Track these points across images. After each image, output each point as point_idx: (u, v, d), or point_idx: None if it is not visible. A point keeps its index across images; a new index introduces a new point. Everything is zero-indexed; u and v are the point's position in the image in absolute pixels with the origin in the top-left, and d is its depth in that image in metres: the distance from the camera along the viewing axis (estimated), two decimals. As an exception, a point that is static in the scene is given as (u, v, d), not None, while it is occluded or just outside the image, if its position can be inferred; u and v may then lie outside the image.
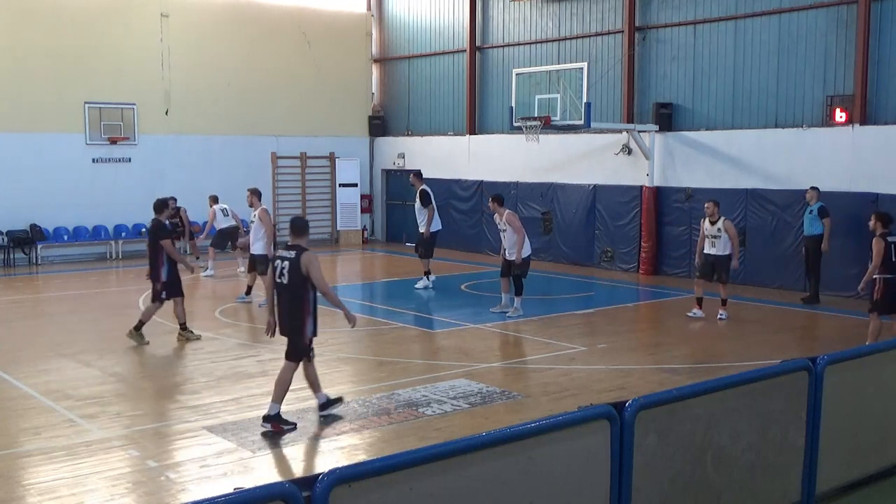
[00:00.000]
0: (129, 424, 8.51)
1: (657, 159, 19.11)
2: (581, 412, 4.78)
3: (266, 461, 7.55)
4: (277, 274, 8.34)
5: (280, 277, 8.31)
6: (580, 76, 18.09)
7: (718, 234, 13.78)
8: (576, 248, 20.61)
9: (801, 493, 6.04)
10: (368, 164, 26.23)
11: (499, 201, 14.25)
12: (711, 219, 13.86)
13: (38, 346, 12.00)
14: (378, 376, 10.33)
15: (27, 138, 20.58)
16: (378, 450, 7.74)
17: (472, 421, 8.53)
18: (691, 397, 5.31)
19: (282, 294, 8.38)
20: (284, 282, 8.28)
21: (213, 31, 23.10)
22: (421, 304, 15.74)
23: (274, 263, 8.42)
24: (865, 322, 11.83)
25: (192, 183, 21.90)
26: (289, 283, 8.25)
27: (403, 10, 25.41)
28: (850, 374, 6.40)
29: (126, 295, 16.45)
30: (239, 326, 12.09)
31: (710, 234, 13.87)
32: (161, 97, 22.33)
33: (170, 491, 6.85)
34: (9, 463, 7.48)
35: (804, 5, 16.74)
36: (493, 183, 22.20)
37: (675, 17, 18.84)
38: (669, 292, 16.82)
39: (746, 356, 11.31)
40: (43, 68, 20.68)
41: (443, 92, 24.39)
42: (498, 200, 14.26)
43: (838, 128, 16.16)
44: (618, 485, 4.78)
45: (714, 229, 13.83)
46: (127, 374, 10.50)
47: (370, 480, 3.81)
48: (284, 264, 8.28)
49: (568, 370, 10.64)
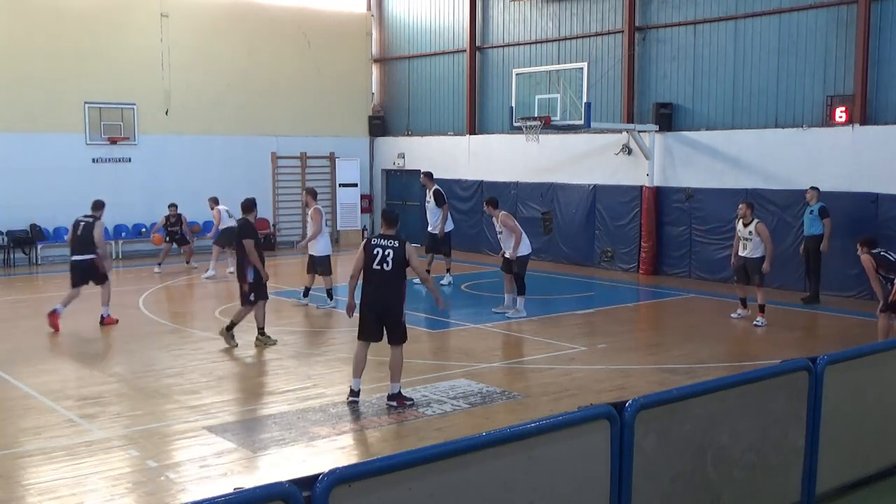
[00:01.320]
0: (129, 424, 8.51)
1: (657, 159, 19.11)
2: (581, 412, 4.78)
3: (266, 461, 7.54)
4: (378, 261, 8.64)
5: (382, 265, 8.63)
6: (580, 76, 18.08)
7: (750, 237, 13.46)
8: (576, 248, 20.61)
9: (801, 493, 6.04)
10: (368, 164, 26.23)
11: (493, 204, 14.27)
12: (744, 221, 13.56)
13: (38, 346, 12.00)
14: (378, 376, 10.32)
15: (27, 138, 20.57)
16: (378, 450, 7.74)
17: (472, 421, 8.53)
18: (691, 397, 5.31)
19: (381, 280, 8.73)
20: (388, 268, 8.64)
21: (213, 31, 23.10)
22: (421, 304, 15.73)
23: (373, 252, 8.71)
24: (866, 322, 11.86)
25: (192, 183, 21.91)
26: (392, 269, 8.65)
27: (403, 10, 25.41)
28: (850, 374, 6.39)
29: (126, 295, 16.44)
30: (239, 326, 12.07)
31: (742, 237, 13.60)
32: (161, 97, 22.32)
33: (170, 491, 6.85)
34: (9, 463, 7.48)
35: (804, 5, 16.74)
36: (493, 183, 22.21)
37: (675, 17, 18.84)
38: (669, 292, 16.82)
39: (746, 356, 11.31)
40: (43, 68, 20.67)
41: (443, 92, 24.39)
42: (492, 203, 14.29)
43: (838, 128, 16.16)
44: (618, 485, 4.77)
45: (746, 231, 13.53)
46: (127, 374, 10.49)
47: (370, 480, 3.81)
48: (388, 252, 8.64)
49: (568, 370, 10.64)
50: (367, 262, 8.74)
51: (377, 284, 8.76)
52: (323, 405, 9.14)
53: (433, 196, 17.27)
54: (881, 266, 11.08)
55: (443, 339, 12.93)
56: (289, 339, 12.21)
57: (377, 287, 8.75)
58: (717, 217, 17.79)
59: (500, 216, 14.03)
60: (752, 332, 13.15)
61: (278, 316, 13.88)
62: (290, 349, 11.60)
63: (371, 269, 8.73)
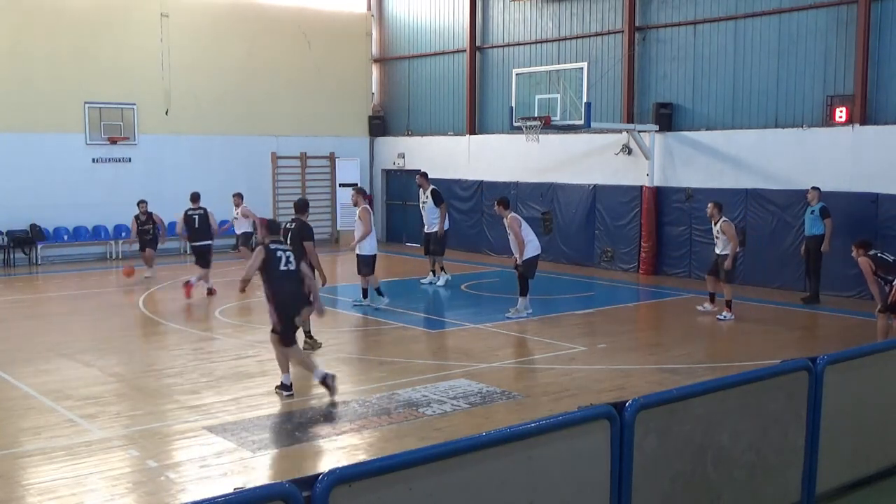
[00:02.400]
0: (129, 424, 8.51)
1: (657, 159, 19.11)
2: (581, 412, 4.78)
3: (266, 461, 7.54)
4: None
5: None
6: (580, 76, 18.08)
7: (719, 235, 14.11)
8: (576, 248, 20.60)
9: (801, 493, 6.04)
10: (368, 164, 26.22)
11: (504, 204, 14.13)
12: (713, 220, 14.17)
13: (38, 346, 11.99)
14: (378, 376, 10.33)
15: (27, 138, 20.57)
16: (378, 450, 7.74)
17: (472, 421, 8.53)
18: (691, 397, 5.31)
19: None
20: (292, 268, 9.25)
21: (213, 31, 23.11)
22: (421, 304, 15.75)
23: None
24: (865, 322, 11.85)
25: (191, 183, 21.82)
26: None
27: (403, 10, 25.41)
28: (850, 374, 6.39)
29: (126, 295, 16.46)
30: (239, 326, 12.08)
31: (714, 234, 14.29)
32: (161, 97, 22.33)
33: (170, 491, 6.85)
34: (9, 463, 7.48)
35: (804, 5, 16.74)
36: (493, 183, 22.21)
37: (675, 17, 18.84)
38: (669, 292, 16.82)
39: (746, 356, 11.31)
40: (43, 68, 20.68)
41: (443, 92, 24.39)
42: (503, 204, 14.14)
43: (838, 128, 16.16)
44: (618, 485, 4.77)
45: (715, 230, 14.18)
46: (127, 374, 10.50)
47: (370, 480, 3.80)
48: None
49: (568, 370, 10.64)
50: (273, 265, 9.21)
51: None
52: (323, 405, 9.14)
53: (431, 196, 17.20)
54: (879, 268, 11.08)
55: (443, 339, 12.93)
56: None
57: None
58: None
59: (508, 218, 13.93)
60: (752, 333, 13.15)
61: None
62: (289, 349, 11.58)
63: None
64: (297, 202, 12.05)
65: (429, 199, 17.19)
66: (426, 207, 17.24)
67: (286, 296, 9.21)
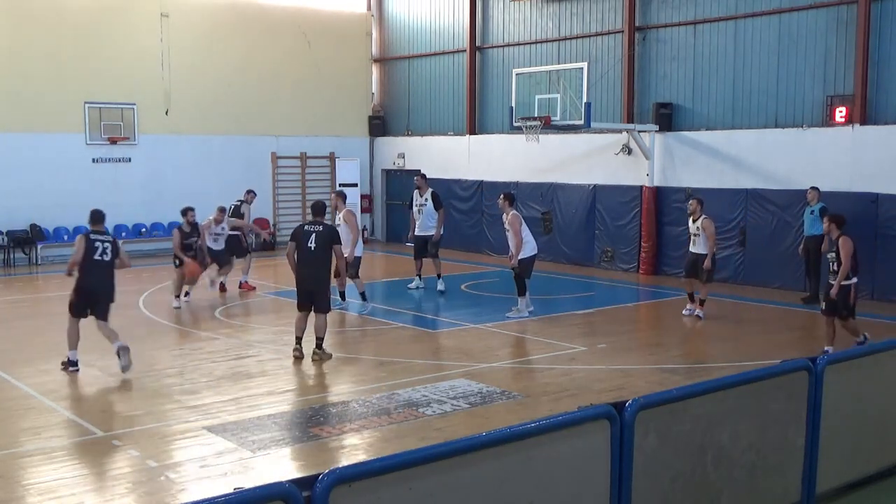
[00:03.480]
0: (129, 424, 8.51)
1: (657, 159, 19.11)
2: (581, 412, 4.78)
3: (266, 461, 7.54)
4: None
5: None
6: (580, 76, 18.09)
7: (698, 233, 13.81)
8: (576, 248, 20.61)
9: (801, 493, 6.04)
10: (368, 164, 26.23)
11: (509, 200, 14.08)
12: (693, 216, 13.91)
13: (38, 346, 12.00)
14: (378, 376, 10.33)
15: (27, 138, 20.57)
16: (378, 450, 7.74)
17: (472, 421, 8.53)
18: (691, 397, 5.31)
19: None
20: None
21: (213, 31, 23.11)
22: (421, 304, 15.74)
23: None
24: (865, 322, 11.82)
25: (192, 183, 21.91)
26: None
27: (403, 10, 25.41)
28: (850, 374, 6.40)
29: (126, 295, 16.37)
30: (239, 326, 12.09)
31: (692, 233, 13.97)
32: (161, 97, 22.33)
33: (170, 491, 6.85)
34: (9, 463, 7.48)
35: (804, 5, 16.74)
36: (493, 183, 22.21)
37: (675, 17, 18.84)
38: (669, 292, 16.81)
39: (746, 356, 11.31)
40: (43, 68, 20.68)
41: (443, 92, 24.39)
42: (508, 199, 14.08)
43: (838, 128, 16.16)
44: (618, 485, 4.77)
45: (694, 227, 13.89)
46: (127, 374, 10.49)
47: (370, 480, 3.80)
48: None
49: (568, 370, 10.64)
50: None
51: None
52: (323, 405, 9.15)
53: (431, 198, 16.94)
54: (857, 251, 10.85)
55: (443, 339, 12.93)
56: (289, 340, 12.19)
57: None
58: (716, 217, 17.59)
59: (510, 215, 13.88)
60: (752, 333, 13.14)
61: (279, 316, 13.90)
62: (289, 349, 11.58)
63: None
64: (316, 205, 11.51)
65: (428, 201, 16.89)
66: (424, 210, 16.94)
67: (90, 281, 10.71)
